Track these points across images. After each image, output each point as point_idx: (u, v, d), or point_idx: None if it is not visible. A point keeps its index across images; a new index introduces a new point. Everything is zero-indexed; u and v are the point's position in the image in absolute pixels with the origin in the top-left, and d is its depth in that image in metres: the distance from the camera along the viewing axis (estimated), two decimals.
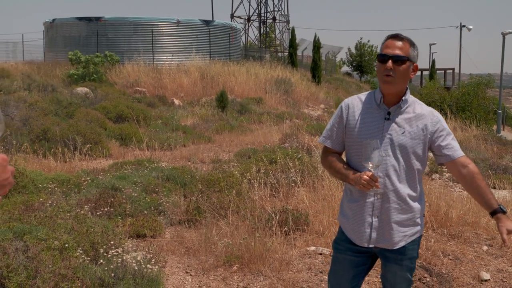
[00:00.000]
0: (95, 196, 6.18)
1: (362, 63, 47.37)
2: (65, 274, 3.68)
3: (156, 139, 11.84)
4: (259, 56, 33.31)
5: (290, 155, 7.80)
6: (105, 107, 14.61)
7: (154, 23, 27.98)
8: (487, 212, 2.85)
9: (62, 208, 5.32)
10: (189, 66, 24.63)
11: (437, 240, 5.65)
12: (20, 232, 3.93)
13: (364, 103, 2.92)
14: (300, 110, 21.68)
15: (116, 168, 8.40)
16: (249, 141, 12.74)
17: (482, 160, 10.92)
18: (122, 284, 3.92)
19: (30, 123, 10.95)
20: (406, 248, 2.90)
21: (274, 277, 4.75)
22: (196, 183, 7.09)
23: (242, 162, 8.55)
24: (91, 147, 10.31)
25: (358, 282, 3.04)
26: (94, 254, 4.31)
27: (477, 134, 15.65)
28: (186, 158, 10.50)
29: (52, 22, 29.61)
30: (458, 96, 23.93)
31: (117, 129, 12.56)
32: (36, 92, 16.49)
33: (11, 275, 3.47)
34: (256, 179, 6.81)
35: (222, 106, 18.54)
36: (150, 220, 5.84)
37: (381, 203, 2.83)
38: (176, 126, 14.75)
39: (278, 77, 25.27)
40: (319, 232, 5.73)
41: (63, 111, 13.17)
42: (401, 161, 2.81)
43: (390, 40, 2.81)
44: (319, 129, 13.80)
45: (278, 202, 6.53)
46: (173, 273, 4.86)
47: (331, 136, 2.99)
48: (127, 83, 22.24)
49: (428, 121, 2.83)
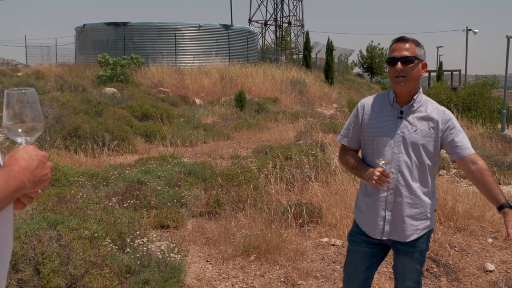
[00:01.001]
0: (122, 189, 6.22)
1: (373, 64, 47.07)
2: (94, 262, 3.71)
3: (178, 136, 11.87)
4: (275, 58, 33.22)
5: (305, 152, 7.78)
6: (131, 106, 14.69)
7: (177, 28, 28.04)
8: (492, 206, 2.83)
9: (91, 200, 5.36)
10: (210, 68, 24.66)
11: (444, 233, 5.60)
12: (54, 222, 3.96)
13: (379, 103, 2.92)
14: (314, 109, 21.60)
15: (142, 163, 8.45)
16: (265, 138, 12.72)
17: (487, 157, 10.83)
18: (147, 271, 3.94)
19: (62, 121, 11.05)
20: (417, 241, 2.89)
21: (289, 267, 4.75)
22: (216, 177, 7.10)
23: (259, 158, 8.54)
24: (118, 144, 10.37)
25: (372, 272, 3.05)
26: (121, 243, 4.34)
27: (482, 132, 15.55)
28: (206, 154, 10.52)
29: (83, 27, 29.83)
30: (464, 96, 23.74)
31: (142, 126, 12.62)
32: (68, 92, 16.63)
33: (45, 262, 3.51)
34: (273, 174, 6.80)
35: (240, 106, 18.53)
36: (173, 212, 5.86)
37: (394, 198, 2.82)
38: (197, 124, 14.79)
39: (293, 78, 25.19)
40: (331, 225, 5.71)
41: (92, 110, 13.26)
42: (413, 157, 2.79)
43: (397, 44, 2.81)
44: (332, 127, 13.74)
45: (293, 196, 6.52)
46: (195, 262, 4.88)
47: (348, 134, 3.00)
48: (151, 83, 22.33)
49: (439, 119, 2.81)
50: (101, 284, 3.56)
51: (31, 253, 3.54)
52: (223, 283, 4.48)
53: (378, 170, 2.70)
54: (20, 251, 3.50)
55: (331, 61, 30.41)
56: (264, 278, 4.58)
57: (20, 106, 1.41)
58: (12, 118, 1.41)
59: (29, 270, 3.46)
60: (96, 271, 3.64)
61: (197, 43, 28.34)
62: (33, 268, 3.49)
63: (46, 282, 3.42)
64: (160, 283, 3.84)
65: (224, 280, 4.53)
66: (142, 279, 3.82)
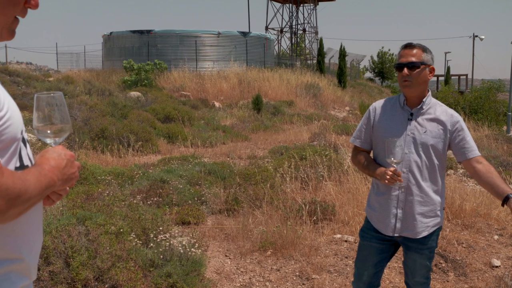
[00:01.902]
0: (146, 187, 6.25)
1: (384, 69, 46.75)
2: (120, 255, 3.73)
3: (199, 138, 11.91)
4: (290, 63, 33.16)
5: (319, 152, 7.76)
6: (155, 109, 14.76)
7: (198, 35, 28.14)
8: (498, 205, 2.80)
9: (117, 198, 5.39)
10: (228, 73, 24.71)
11: (452, 230, 5.56)
12: (82, 218, 3.99)
13: (390, 106, 2.93)
14: (327, 112, 21.53)
15: (164, 163, 8.49)
16: (281, 140, 12.71)
17: (493, 157, 10.78)
18: (170, 265, 3.95)
19: (90, 123, 11.14)
20: (427, 238, 2.87)
21: (304, 261, 4.73)
22: (234, 176, 7.11)
23: (275, 158, 8.54)
24: (142, 144, 10.44)
25: (381, 266, 3.04)
26: (145, 238, 4.36)
27: (488, 134, 15.46)
28: (225, 154, 10.53)
29: (109, 35, 30.08)
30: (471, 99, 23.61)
31: (165, 128, 12.68)
32: (96, 96, 16.77)
33: (75, 255, 3.54)
34: (288, 174, 6.79)
35: (257, 108, 18.54)
36: (194, 209, 5.88)
37: (405, 196, 2.81)
38: (217, 126, 14.82)
39: (307, 82, 25.13)
40: (344, 222, 5.68)
41: (118, 112, 13.35)
42: (423, 157, 2.78)
43: (404, 50, 2.82)
44: (345, 129, 13.67)
45: (308, 194, 6.50)
46: (214, 256, 4.88)
47: (360, 136, 3.00)
48: (173, 87, 22.43)
49: (448, 121, 2.80)
50: (127, 276, 3.58)
51: (62, 247, 3.58)
52: (241, 277, 4.48)
53: (390, 169, 2.69)
54: (52, 245, 3.53)
55: (343, 66, 30.29)
56: (280, 272, 4.57)
57: (49, 109, 1.43)
58: (41, 120, 1.43)
59: (59, 263, 3.49)
60: (122, 264, 3.66)
61: (216, 49, 28.41)
62: (63, 261, 3.52)
63: (75, 274, 3.45)
64: (181, 276, 3.85)
65: (242, 274, 4.53)
66: (165, 272, 3.84)
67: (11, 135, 1.28)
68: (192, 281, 3.89)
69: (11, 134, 1.28)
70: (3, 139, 1.25)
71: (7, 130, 1.26)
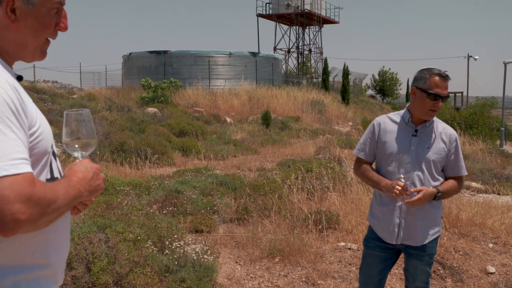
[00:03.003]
0: (161, 198, 6.26)
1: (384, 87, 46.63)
2: (137, 261, 3.73)
3: (211, 151, 11.93)
4: (297, 81, 33.21)
5: (324, 165, 7.74)
6: (170, 124, 14.82)
7: (211, 55, 28.27)
8: (492, 214, 2.87)
9: (135, 207, 5.40)
10: (239, 90, 24.77)
11: (449, 238, 5.52)
12: (102, 226, 4.01)
13: (394, 122, 2.90)
14: (331, 127, 21.50)
15: (179, 174, 8.49)
16: (288, 153, 12.69)
17: (487, 170, 10.72)
18: (184, 271, 3.95)
19: (110, 137, 11.19)
20: (427, 246, 2.86)
21: (310, 268, 4.71)
22: (244, 187, 7.10)
23: (283, 170, 8.52)
24: (158, 157, 10.46)
25: (385, 273, 3.03)
26: (161, 246, 4.35)
27: (483, 148, 15.47)
28: (236, 166, 10.53)
29: (129, 55, 30.31)
30: (466, 115, 23.67)
31: (180, 142, 12.71)
32: (116, 112, 16.84)
33: (95, 261, 3.55)
34: (295, 185, 6.78)
35: (266, 123, 18.55)
36: (206, 218, 5.87)
37: (407, 207, 2.80)
38: (228, 140, 14.83)
39: (313, 99, 25.14)
40: (348, 230, 5.65)
41: (136, 127, 13.41)
42: (425, 171, 2.78)
43: (440, 80, 2.70)
44: (348, 143, 13.64)
45: (313, 204, 6.48)
46: (225, 263, 4.87)
47: (364, 149, 2.98)
48: (188, 104, 22.52)
49: (448, 139, 2.82)
50: (143, 281, 3.59)
51: (83, 253, 3.59)
52: (250, 282, 4.46)
53: (399, 184, 2.66)
54: (74, 251, 3.55)
55: (347, 84, 30.27)
56: (287, 278, 4.55)
57: (76, 125, 1.45)
58: (70, 135, 1.44)
59: (81, 268, 3.50)
60: (139, 270, 3.66)
61: (228, 68, 28.51)
62: (84, 266, 3.54)
63: (96, 279, 3.46)
64: (195, 281, 3.85)
65: (251, 280, 4.51)
66: (179, 278, 3.84)
67: (43, 149, 1.30)
68: (205, 286, 3.88)
69: (43, 148, 1.30)
70: (35, 152, 1.27)
71: (39, 144, 1.28)
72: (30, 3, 1.31)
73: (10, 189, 1.10)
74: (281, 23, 40.31)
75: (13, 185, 1.10)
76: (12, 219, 1.10)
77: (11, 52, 1.35)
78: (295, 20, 38.38)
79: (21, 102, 1.22)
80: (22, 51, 1.37)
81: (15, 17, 1.30)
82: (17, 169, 1.12)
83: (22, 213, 1.11)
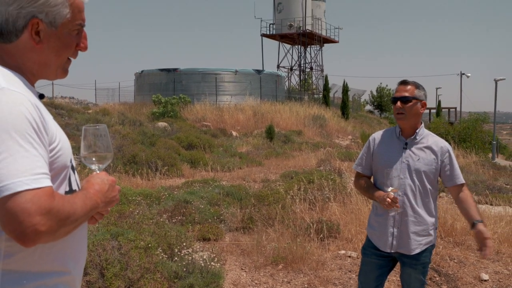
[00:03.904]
0: (171, 207, 6.26)
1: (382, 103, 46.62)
2: (148, 268, 3.73)
3: (218, 163, 11.94)
4: (299, 97, 33.28)
5: (325, 176, 7.73)
6: (179, 137, 14.85)
7: (217, 73, 28.39)
8: (486, 224, 2.86)
9: (146, 216, 5.41)
10: (244, 106, 24.84)
11: (444, 247, 5.48)
12: (115, 234, 4.02)
13: (387, 136, 2.95)
14: (332, 141, 21.49)
15: (187, 185, 8.49)
16: (291, 165, 12.69)
17: (480, 181, 10.68)
18: (192, 277, 3.94)
19: (123, 150, 11.24)
20: (420, 255, 2.85)
21: (311, 275, 4.69)
22: (249, 198, 7.09)
23: (286, 181, 8.52)
24: (168, 169, 10.49)
25: (381, 280, 3.02)
26: (170, 253, 4.35)
27: (476, 161, 15.44)
28: (241, 178, 10.53)
29: (141, 72, 30.49)
30: (460, 129, 23.68)
31: (188, 154, 12.73)
32: (128, 126, 16.91)
33: (108, 267, 3.55)
34: (297, 196, 6.77)
35: (270, 137, 18.57)
36: (213, 227, 5.86)
37: (400, 217, 2.81)
38: (234, 153, 14.84)
39: (314, 114, 25.17)
40: (348, 239, 5.63)
41: (147, 140, 13.46)
42: (416, 182, 2.79)
43: (399, 86, 2.85)
44: (348, 156, 13.62)
45: (315, 214, 6.46)
46: (231, 270, 4.86)
47: (362, 163, 3.02)
48: (196, 119, 22.59)
49: (439, 151, 2.82)
50: (154, 287, 3.58)
51: (97, 259, 3.60)
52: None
53: (389, 196, 2.69)
54: (88, 257, 3.56)
55: (346, 99, 30.30)
56: (290, 284, 4.53)
57: (94, 139, 1.46)
58: (87, 148, 1.46)
59: (95, 273, 3.51)
60: (150, 275, 3.66)
61: (234, 85, 28.60)
62: (98, 272, 3.54)
63: (109, 284, 3.46)
64: (202, 287, 3.84)
65: (256, 286, 4.49)
66: (188, 284, 3.83)
67: (62, 163, 1.32)
68: None
69: (62, 162, 1.32)
70: (55, 167, 1.29)
71: (59, 159, 1.30)
72: (53, 25, 1.34)
73: (31, 203, 1.12)
74: (284, 42, 40.52)
75: (34, 198, 1.12)
76: (33, 230, 1.12)
77: (35, 72, 1.38)
78: (297, 40, 38.59)
79: (42, 120, 1.24)
80: (45, 70, 1.39)
81: (39, 39, 1.33)
82: (38, 183, 1.14)
83: (42, 225, 1.13)
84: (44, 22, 1.32)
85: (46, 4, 1.32)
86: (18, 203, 1.11)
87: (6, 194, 1.11)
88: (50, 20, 1.33)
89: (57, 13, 1.34)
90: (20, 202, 1.11)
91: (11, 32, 1.31)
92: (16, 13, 1.30)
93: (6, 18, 1.30)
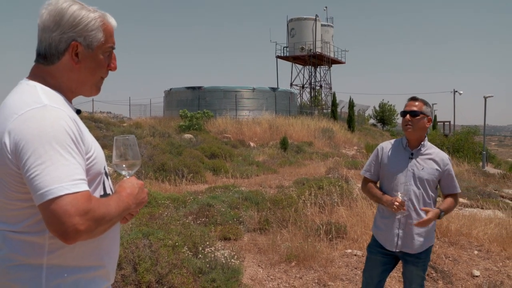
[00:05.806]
0: (196, 210, 6.27)
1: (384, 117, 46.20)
2: (175, 264, 3.74)
3: (237, 171, 11.94)
4: (310, 112, 33.21)
5: (333, 183, 7.67)
6: (203, 148, 14.93)
7: (237, 90, 28.50)
8: (477, 226, 2.86)
9: (173, 218, 5.43)
10: (261, 119, 24.87)
11: (440, 246, 5.40)
12: (147, 234, 4.04)
13: (394, 146, 2.93)
14: (339, 151, 21.34)
15: (210, 190, 8.50)
16: (303, 173, 12.63)
17: (472, 187, 10.66)
18: (214, 272, 3.94)
19: (153, 159, 11.34)
20: (422, 253, 2.83)
21: (321, 271, 4.64)
22: (265, 202, 7.07)
23: (298, 187, 8.47)
24: (193, 176, 10.52)
25: (384, 276, 3.00)
26: (195, 251, 4.36)
27: (468, 169, 15.43)
28: (258, 184, 10.51)
29: (169, 90, 30.78)
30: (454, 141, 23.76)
31: (211, 163, 12.77)
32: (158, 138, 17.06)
33: (141, 262, 3.57)
34: (309, 200, 6.73)
35: (284, 148, 18.54)
36: (233, 228, 5.85)
37: (405, 219, 2.80)
38: (252, 162, 14.82)
39: (323, 127, 25.06)
40: (354, 239, 5.57)
41: (175, 150, 13.56)
42: (420, 189, 2.78)
43: (409, 101, 2.85)
44: (354, 164, 13.50)
45: (324, 217, 6.41)
46: (249, 266, 4.84)
47: (370, 169, 3.00)
48: (218, 131, 22.69)
49: (441, 162, 2.82)
50: (181, 281, 3.58)
51: (131, 256, 3.62)
52: (271, 283, 4.41)
53: (397, 200, 2.68)
54: (123, 254, 3.58)
55: (352, 114, 30.13)
56: (302, 279, 4.49)
57: (124, 148, 1.47)
58: (118, 157, 1.47)
59: (129, 268, 3.52)
60: (177, 271, 3.67)
61: (252, 101, 28.68)
62: (132, 267, 3.56)
63: (141, 278, 3.48)
64: (223, 282, 3.83)
65: (271, 281, 4.46)
66: (210, 278, 3.82)
67: (97, 170, 1.34)
68: (232, 286, 3.86)
69: (97, 169, 1.34)
70: (91, 173, 1.31)
71: (94, 167, 1.32)
72: (90, 47, 1.38)
73: (71, 205, 1.14)
74: (296, 63, 40.58)
75: (73, 201, 1.14)
76: (73, 230, 1.14)
77: (73, 89, 1.41)
78: (308, 61, 38.60)
79: (80, 132, 1.26)
80: (82, 87, 1.42)
81: (78, 59, 1.37)
82: (77, 188, 1.16)
83: (81, 224, 1.14)
84: (83, 45, 1.36)
85: (85, 29, 1.36)
86: (60, 206, 1.13)
87: (50, 198, 1.13)
88: (87, 43, 1.37)
89: (94, 37, 1.37)
90: (62, 204, 1.13)
91: (53, 55, 1.35)
92: (59, 38, 1.33)
93: (49, 43, 1.34)
